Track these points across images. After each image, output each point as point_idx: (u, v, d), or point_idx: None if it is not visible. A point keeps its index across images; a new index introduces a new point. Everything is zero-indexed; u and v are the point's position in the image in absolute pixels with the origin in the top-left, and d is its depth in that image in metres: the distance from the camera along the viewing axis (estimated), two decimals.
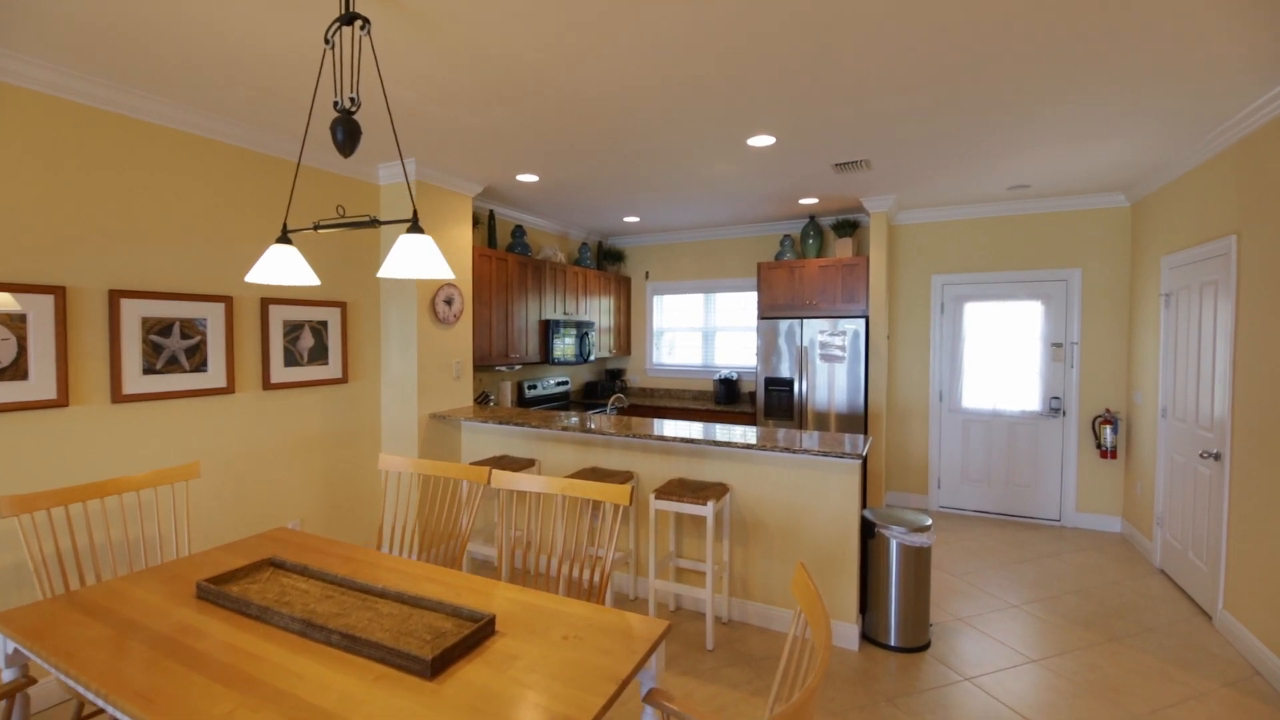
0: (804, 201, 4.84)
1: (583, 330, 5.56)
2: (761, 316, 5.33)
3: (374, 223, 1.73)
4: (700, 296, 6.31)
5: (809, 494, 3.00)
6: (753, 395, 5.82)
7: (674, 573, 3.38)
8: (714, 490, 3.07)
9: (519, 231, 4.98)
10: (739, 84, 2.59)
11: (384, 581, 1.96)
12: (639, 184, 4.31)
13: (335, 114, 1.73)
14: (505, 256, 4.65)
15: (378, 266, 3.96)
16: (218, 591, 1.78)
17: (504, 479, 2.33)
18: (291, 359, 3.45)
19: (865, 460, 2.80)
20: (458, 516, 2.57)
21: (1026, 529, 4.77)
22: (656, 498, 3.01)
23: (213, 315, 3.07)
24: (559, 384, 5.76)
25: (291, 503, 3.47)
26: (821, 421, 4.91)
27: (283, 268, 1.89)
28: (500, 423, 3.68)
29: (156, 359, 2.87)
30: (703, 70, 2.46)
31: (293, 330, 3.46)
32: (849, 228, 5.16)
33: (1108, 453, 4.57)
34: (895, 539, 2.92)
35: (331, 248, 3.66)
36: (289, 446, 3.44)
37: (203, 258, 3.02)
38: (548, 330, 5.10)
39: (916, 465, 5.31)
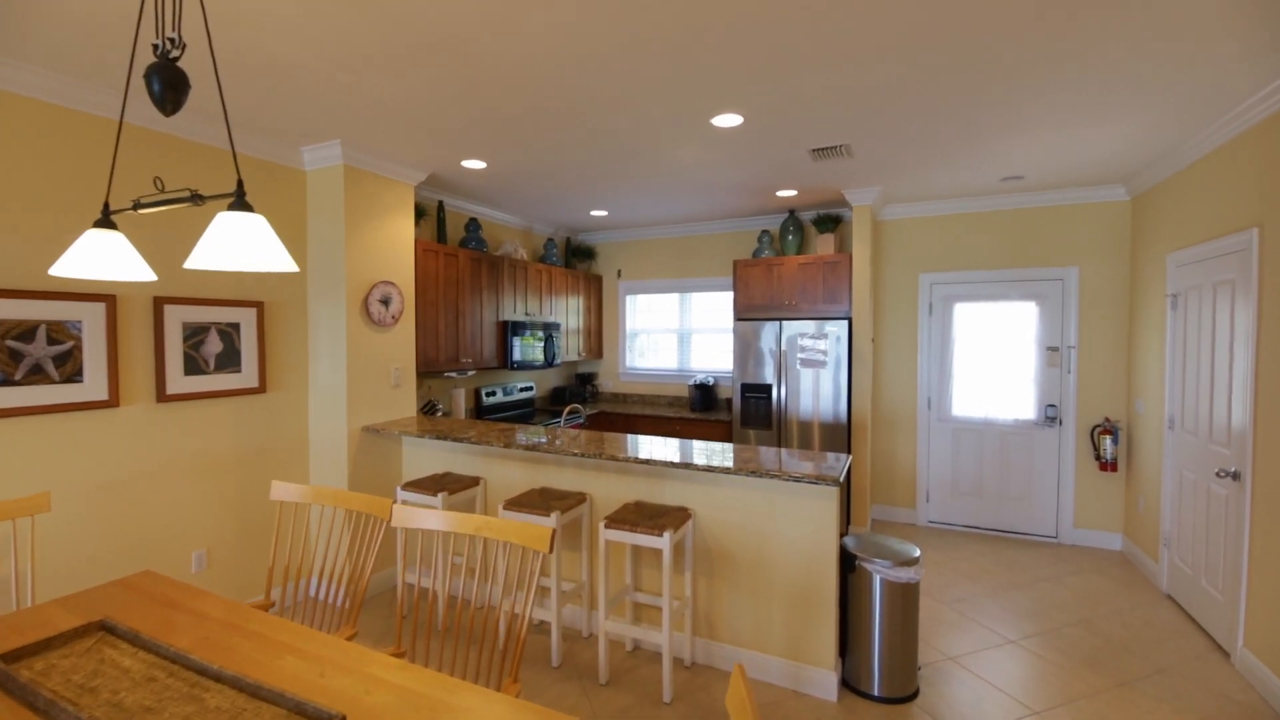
0: (782, 194, 4.48)
1: (548, 332, 5.16)
2: (738, 318, 4.96)
3: (195, 199, 1.32)
4: (675, 296, 5.93)
5: (782, 521, 2.62)
6: (730, 402, 5.45)
7: (631, 610, 2.99)
8: (674, 516, 2.68)
9: (473, 225, 4.57)
10: (696, 49, 2.21)
11: (240, 649, 1.55)
12: (600, 173, 3.91)
13: (156, 60, 1.31)
14: (456, 252, 4.23)
15: (304, 257, 3.53)
16: (3, 674, 1.37)
17: (406, 516, 1.93)
18: (194, 366, 3.02)
19: (847, 482, 2.43)
20: (361, 555, 2.16)
21: (1021, 547, 4.44)
22: (607, 526, 2.62)
23: (90, 317, 2.64)
24: (523, 390, 5.35)
25: (195, 531, 3.04)
26: (803, 431, 4.55)
27: (99, 258, 1.48)
28: (438, 437, 3.27)
29: (15, 369, 2.43)
30: (657, 30, 2.07)
31: (195, 334, 3.03)
32: (831, 223, 4.80)
33: (1108, 465, 4.25)
34: (879, 573, 2.55)
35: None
36: (192, 466, 3.01)
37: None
38: (507, 332, 4.69)
39: (903, 478, 4.96)
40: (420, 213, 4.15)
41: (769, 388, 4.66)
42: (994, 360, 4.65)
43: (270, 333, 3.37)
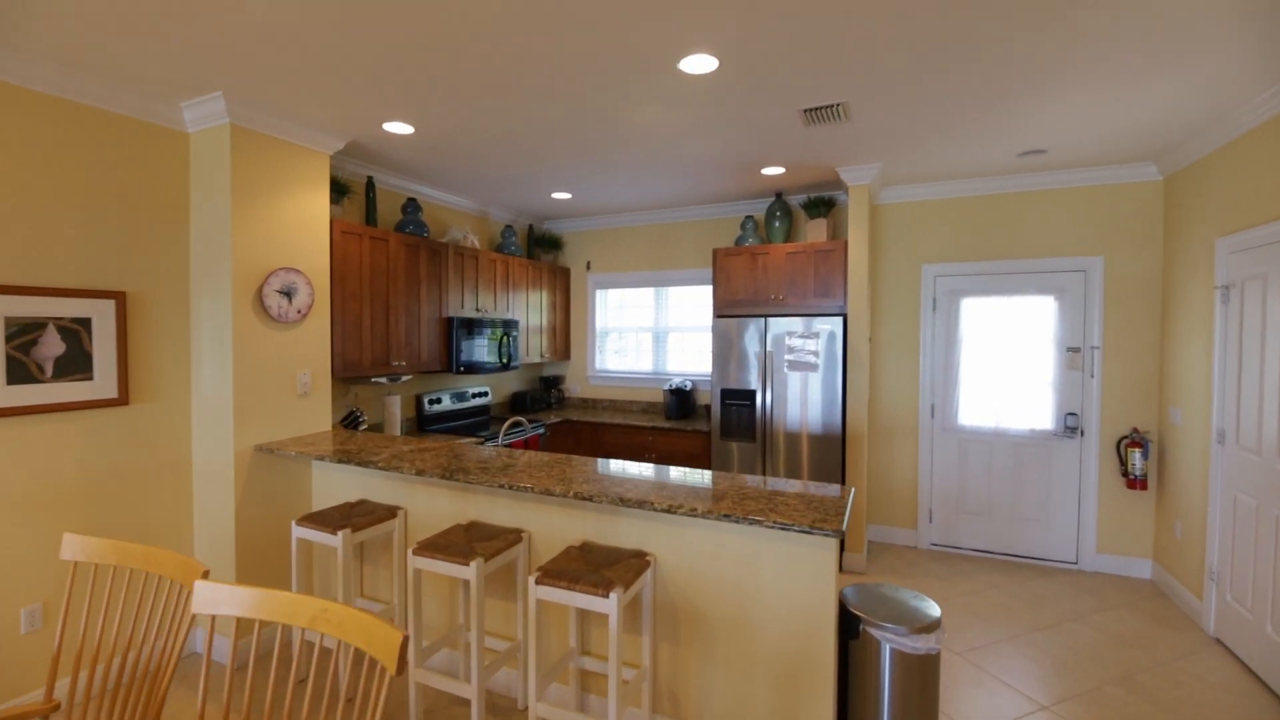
0: (769, 172, 3.89)
1: (504, 331, 4.54)
2: (718, 314, 4.38)
3: None
4: (650, 291, 5.34)
5: (766, 573, 2.04)
6: (710, 409, 4.87)
7: (577, 678, 2.38)
8: (628, 566, 2.09)
9: (411, 207, 3.94)
10: None
11: None
12: (552, 142, 3.30)
13: None
14: (387, 236, 3.60)
15: (185, 238, 2.89)
16: None
17: (208, 596, 1.31)
18: (23, 373, 2.38)
19: (844, 531, 1.85)
20: (165, 637, 1.53)
21: (1038, 575, 3.90)
22: (540, 581, 2.01)
23: None
24: (476, 396, 4.73)
25: (27, 583, 2.39)
26: (791, 444, 3.98)
27: None
28: (340, 460, 2.64)
29: None
30: None
31: (25, 332, 2.38)
32: (823, 206, 4.23)
33: (1136, 482, 3.72)
34: (889, 642, 1.97)
35: (97, 208, 2.58)
36: (24, 500, 2.37)
37: None
38: (452, 331, 4.07)
39: (904, 494, 4.41)
40: (343, 190, 3.52)
41: (752, 394, 4.08)
42: (1006, 363, 4.11)
43: (137, 331, 2.72)
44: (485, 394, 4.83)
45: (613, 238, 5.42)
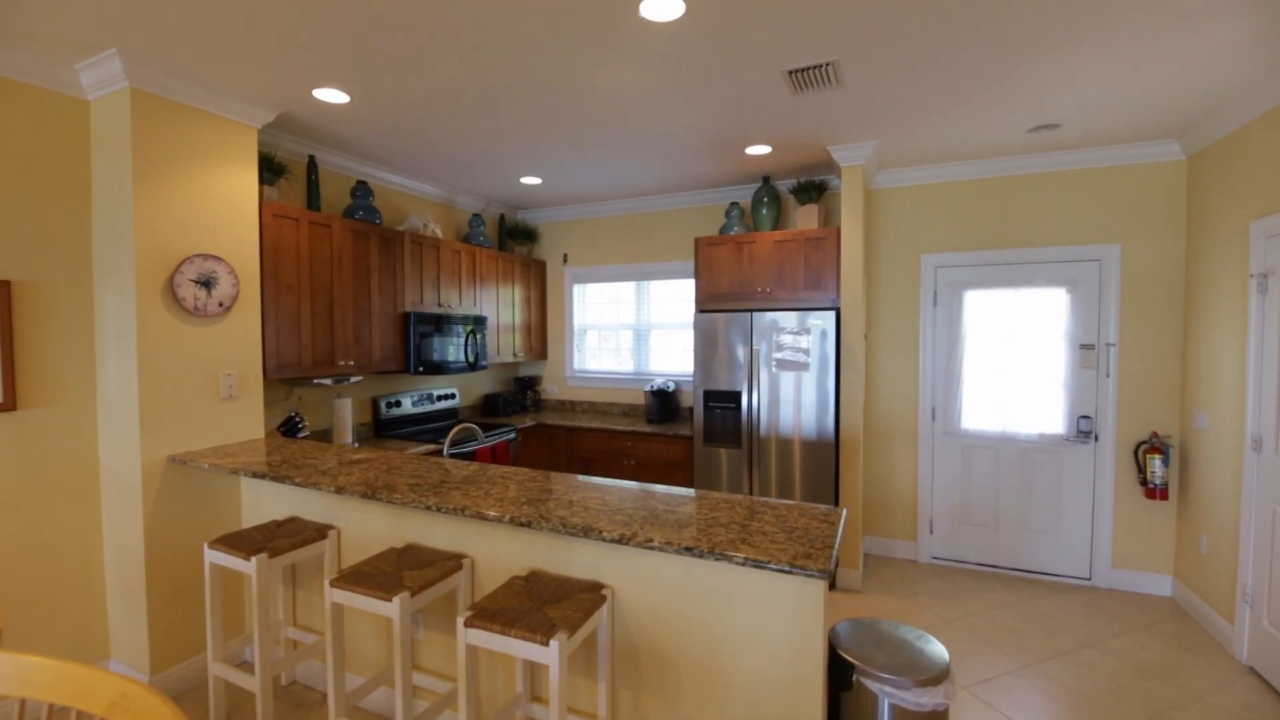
0: (753, 152, 3.56)
1: (471, 328, 4.19)
2: (700, 309, 4.04)
3: None
4: (631, 285, 5.00)
5: (741, 613, 1.70)
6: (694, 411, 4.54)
7: None
8: (578, 602, 1.75)
9: (361, 191, 3.59)
10: None
11: None
12: (507, 110, 2.96)
13: None
14: (329, 221, 3.25)
15: (86, 219, 2.53)
16: None
17: None
18: None
19: (835, 563, 1.51)
20: None
21: (1049, 592, 3.57)
22: (470, 623, 1.67)
23: None
24: (442, 398, 4.38)
25: None
26: (781, 451, 3.64)
27: None
28: (254, 475, 2.29)
29: None
30: None
31: None
32: (814, 191, 3.89)
33: (1155, 491, 3.40)
34: (889, 697, 1.64)
35: None
36: None
37: None
38: (409, 327, 3.72)
39: (902, 503, 4.08)
40: (279, 170, 3.17)
41: (737, 395, 3.74)
42: (1013, 361, 3.78)
43: (26, 325, 2.37)
44: (452, 396, 4.48)
45: (591, 228, 5.08)
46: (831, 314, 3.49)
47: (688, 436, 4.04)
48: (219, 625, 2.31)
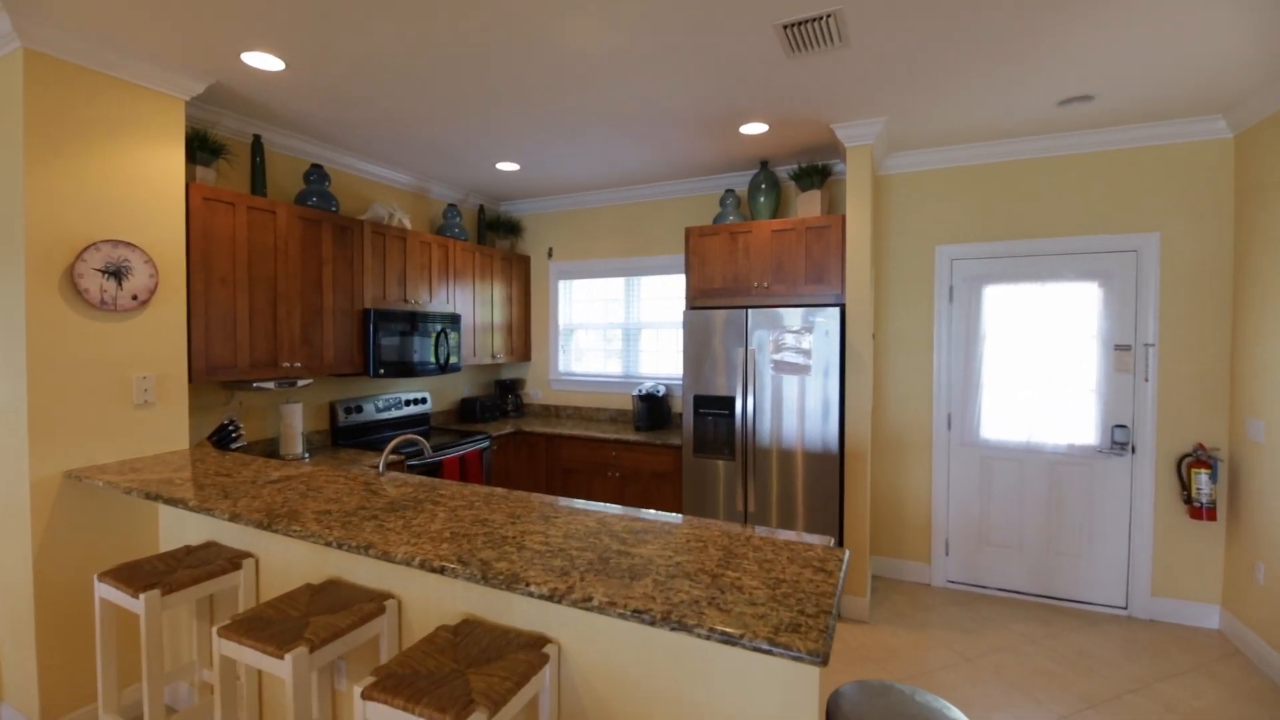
0: (749, 131, 3.20)
1: (439, 327, 3.85)
2: (691, 306, 3.68)
3: None
4: (621, 281, 4.64)
5: (719, 685, 1.33)
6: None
7: None
8: (512, 664, 1.38)
9: (316, 175, 3.26)
10: None
11: None
12: (468, 77, 2.62)
13: None
14: (273, 207, 2.92)
15: None
16: None
17: None
18: None
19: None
20: None
21: (1081, 624, 3.18)
22: (368, 694, 1.32)
23: None
24: (412, 403, 4.04)
25: None
26: (778, 462, 3.27)
27: None
28: (148, 496, 1.94)
29: None
30: None
31: None
32: (816, 176, 3.53)
33: (1201, 510, 3.01)
34: None
35: None
36: None
37: None
38: (369, 326, 3.38)
39: (915, 521, 3.69)
40: (215, 150, 2.83)
41: (730, 401, 3.37)
42: (1039, 363, 3.40)
43: None
44: (424, 401, 4.14)
45: (577, 221, 4.73)
46: (835, 311, 3.13)
47: (677, 446, 3.68)
48: (112, 670, 1.96)
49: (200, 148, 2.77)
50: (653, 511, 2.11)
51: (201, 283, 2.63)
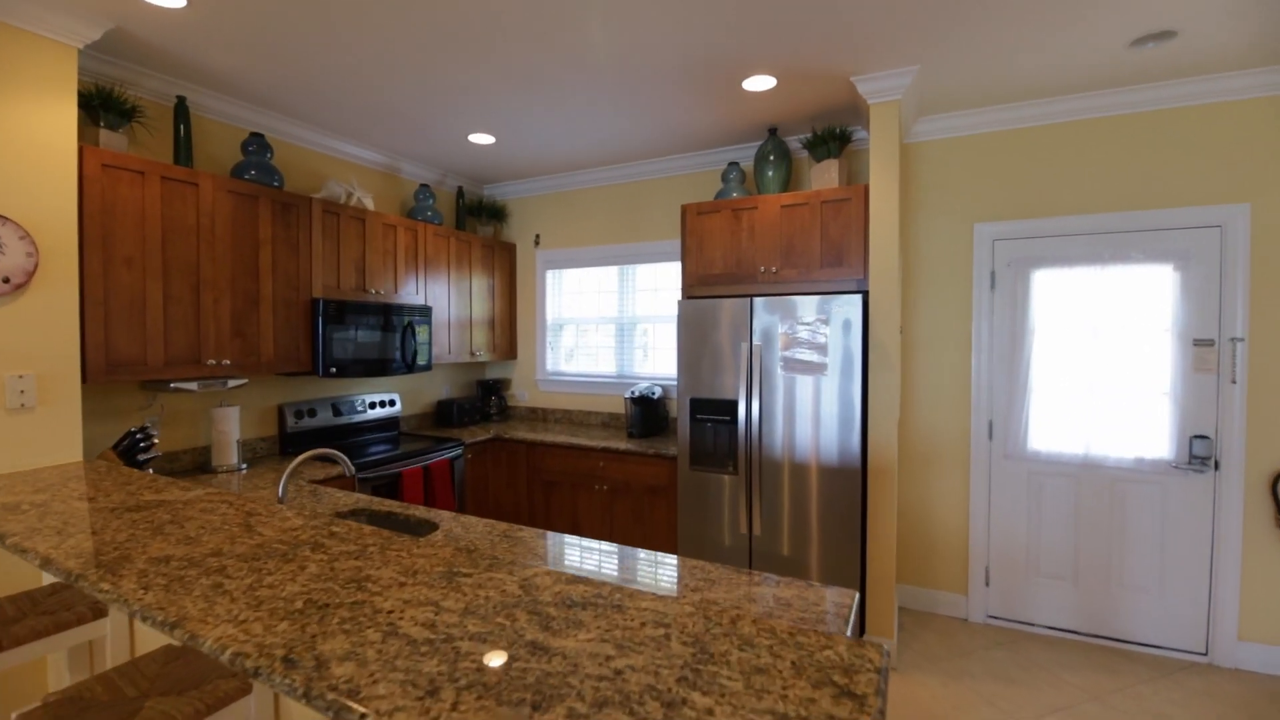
0: (753, 86, 2.72)
1: (406, 321, 3.42)
2: (687, 295, 3.22)
3: None
4: (614, 271, 4.18)
5: None
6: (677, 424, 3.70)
7: None
8: None
9: (255, 145, 2.84)
10: None
11: None
12: (404, 19, 2.18)
13: None
14: (195, 178, 2.50)
15: None
16: None
17: None
18: None
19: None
20: None
21: (1152, 672, 2.65)
22: None
23: None
24: (378, 405, 3.62)
25: None
26: (792, 478, 2.79)
27: None
28: None
29: None
30: None
31: None
32: (834, 143, 3.03)
33: None
34: None
35: None
36: None
37: None
38: (318, 317, 2.96)
39: (949, 546, 3.18)
40: (125, 112, 2.42)
41: (732, 405, 2.90)
42: (1100, 362, 2.88)
43: None
44: (392, 403, 3.72)
45: (566, 204, 4.28)
46: (857, 299, 2.64)
47: (672, 457, 3.21)
48: None
49: (106, 108, 2.36)
50: (614, 554, 1.65)
51: (100, 264, 2.23)
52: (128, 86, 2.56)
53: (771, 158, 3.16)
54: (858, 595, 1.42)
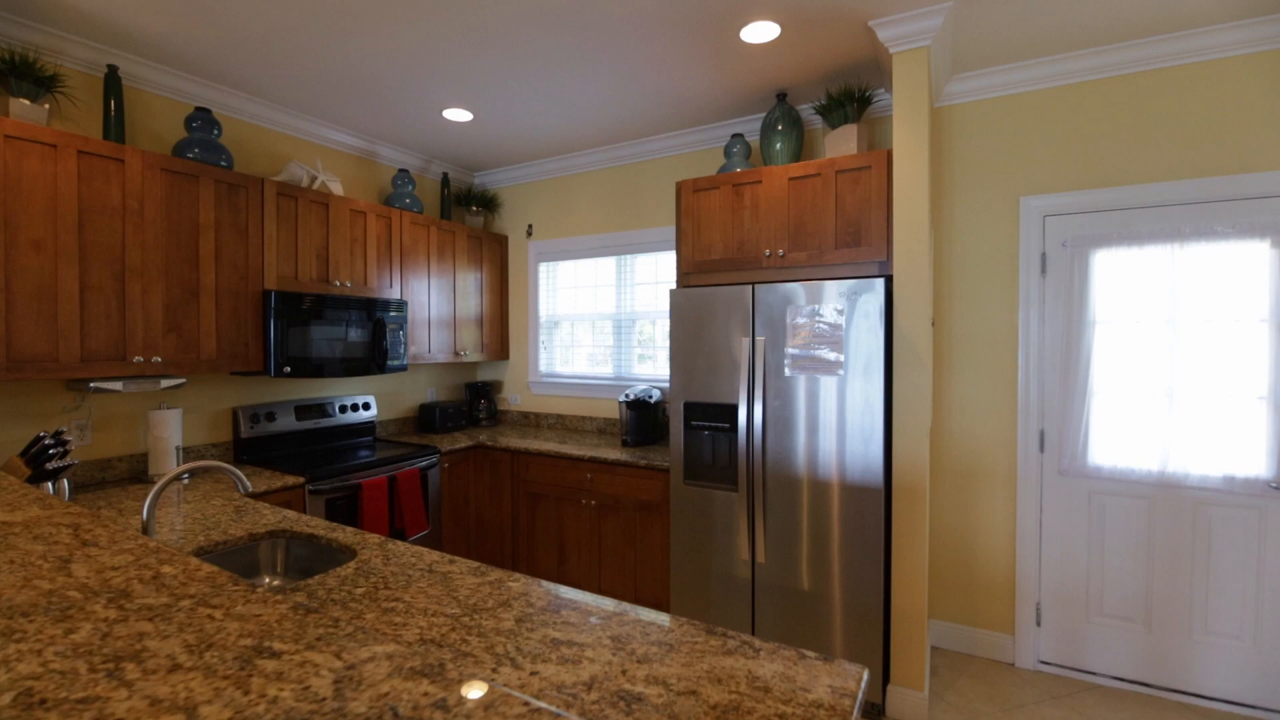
0: (753, 37, 2.33)
1: (376, 316, 3.13)
2: (683, 282, 2.83)
3: None
4: (611, 262, 3.83)
5: None
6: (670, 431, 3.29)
7: None
8: None
9: (201, 122, 2.57)
10: None
11: None
12: None
13: None
14: (120, 153, 2.23)
15: None
16: None
17: None
18: None
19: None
20: None
21: None
22: None
23: None
24: (351, 409, 3.32)
25: None
26: (802, 496, 2.38)
27: None
28: None
29: None
30: None
31: None
32: (851, 106, 2.62)
33: None
34: None
35: None
36: None
37: None
38: (270, 311, 2.67)
39: (992, 577, 2.72)
40: (43, 81, 2.17)
41: (731, 410, 2.50)
42: (1178, 360, 2.39)
43: None
44: (367, 406, 3.42)
45: (558, 191, 3.94)
46: (878, 285, 2.22)
47: (665, 469, 2.82)
48: None
49: (17, 74, 2.10)
50: (545, 608, 1.27)
51: (0, 247, 1.96)
52: (57, 56, 2.31)
53: (780, 127, 2.76)
54: (866, 675, 1.03)
